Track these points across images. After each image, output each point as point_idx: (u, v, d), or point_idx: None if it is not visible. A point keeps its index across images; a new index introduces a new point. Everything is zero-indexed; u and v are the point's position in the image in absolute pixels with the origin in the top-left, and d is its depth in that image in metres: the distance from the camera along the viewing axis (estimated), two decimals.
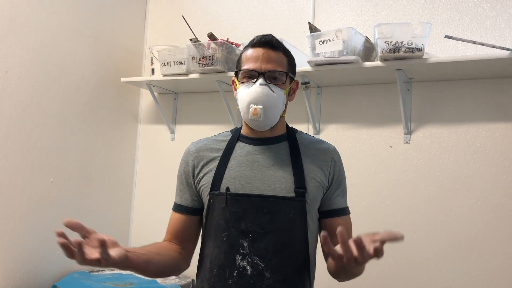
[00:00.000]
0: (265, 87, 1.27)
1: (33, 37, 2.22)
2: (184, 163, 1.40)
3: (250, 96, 1.27)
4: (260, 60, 1.28)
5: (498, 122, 1.99)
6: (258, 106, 1.26)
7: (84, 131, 2.50)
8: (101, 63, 2.61)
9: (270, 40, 1.30)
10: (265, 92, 1.26)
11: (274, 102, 1.28)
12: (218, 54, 2.26)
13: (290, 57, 1.35)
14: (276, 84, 1.29)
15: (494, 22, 2.02)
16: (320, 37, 2.02)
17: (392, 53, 1.90)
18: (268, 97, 1.27)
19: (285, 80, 1.31)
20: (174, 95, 2.77)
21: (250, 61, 1.29)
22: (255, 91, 1.27)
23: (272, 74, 1.29)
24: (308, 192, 1.28)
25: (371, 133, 2.23)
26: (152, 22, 2.91)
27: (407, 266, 2.08)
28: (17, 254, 2.15)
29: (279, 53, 1.31)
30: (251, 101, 1.27)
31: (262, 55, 1.28)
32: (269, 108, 1.27)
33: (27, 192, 2.19)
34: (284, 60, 1.32)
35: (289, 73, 1.32)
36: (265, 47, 1.30)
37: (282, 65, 1.31)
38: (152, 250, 1.27)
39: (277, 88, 1.29)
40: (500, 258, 1.93)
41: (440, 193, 2.06)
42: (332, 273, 1.28)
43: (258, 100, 1.26)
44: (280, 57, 1.31)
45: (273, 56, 1.29)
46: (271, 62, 1.28)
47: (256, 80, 1.28)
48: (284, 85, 1.31)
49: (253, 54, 1.30)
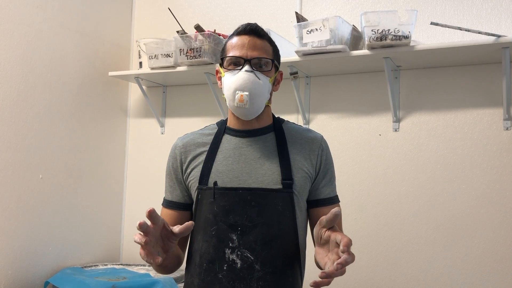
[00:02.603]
0: (251, 74, 1.26)
1: (17, 32, 2.19)
2: (172, 159, 1.39)
3: (236, 82, 1.27)
4: (246, 47, 1.28)
5: (485, 108, 2.00)
6: (244, 93, 1.25)
7: (72, 127, 2.48)
8: (88, 58, 2.58)
9: (255, 28, 1.31)
10: (251, 79, 1.26)
11: (260, 89, 1.28)
12: (205, 46, 2.25)
13: (275, 46, 1.36)
14: (262, 71, 1.29)
15: (480, 8, 2.02)
16: (307, 26, 2.01)
17: (379, 41, 1.90)
18: (254, 84, 1.26)
19: (271, 68, 1.31)
20: (163, 88, 2.75)
21: (235, 49, 1.29)
22: (241, 77, 1.26)
23: (258, 62, 1.28)
24: (295, 183, 1.28)
25: (360, 122, 2.23)
26: (138, 15, 2.88)
27: (397, 253, 2.10)
28: (9, 251, 2.14)
29: (265, 41, 1.31)
30: (237, 87, 1.26)
31: (248, 43, 1.28)
32: (255, 95, 1.27)
33: (17, 189, 2.18)
34: (269, 49, 1.32)
35: (274, 61, 1.32)
36: (250, 35, 1.30)
37: (268, 53, 1.31)
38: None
39: (263, 76, 1.29)
40: (488, 243, 1.95)
41: (430, 180, 2.07)
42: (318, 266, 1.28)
43: (244, 86, 1.26)
44: (265, 45, 1.31)
45: (259, 43, 1.29)
46: (257, 50, 1.28)
47: (242, 67, 1.27)
48: (270, 72, 1.31)
49: (238, 42, 1.30)
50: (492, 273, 1.93)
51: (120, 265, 2.49)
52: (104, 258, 2.65)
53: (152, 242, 1.06)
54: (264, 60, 1.29)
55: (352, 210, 2.19)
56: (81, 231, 2.52)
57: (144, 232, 1.03)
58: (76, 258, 2.47)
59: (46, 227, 2.31)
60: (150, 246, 1.05)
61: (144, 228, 1.02)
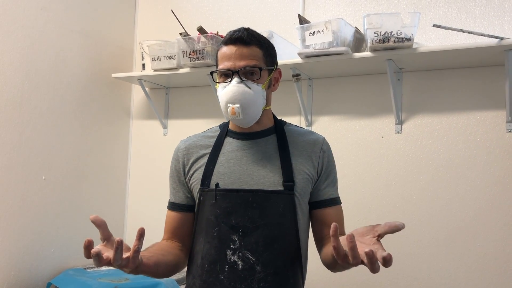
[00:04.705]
0: (240, 85, 1.25)
1: (21, 34, 2.20)
2: (175, 161, 1.40)
3: (226, 96, 1.26)
4: (233, 58, 1.26)
5: (488, 110, 1.99)
6: (235, 105, 1.25)
7: (76, 128, 2.49)
8: (91, 59, 2.59)
9: (240, 36, 1.27)
10: (241, 91, 1.25)
11: (251, 99, 1.26)
12: (208, 48, 2.25)
13: (266, 48, 1.32)
14: (252, 80, 1.27)
15: (483, 10, 2.02)
16: (309, 28, 2.02)
17: (381, 43, 1.89)
18: (244, 95, 1.25)
19: (260, 76, 1.28)
20: (166, 90, 2.76)
21: (224, 60, 1.28)
22: (231, 90, 1.26)
23: (247, 70, 1.27)
24: (296, 185, 1.28)
25: (362, 124, 2.23)
26: (142, 17, 2.89)
27: (400, 255, 2.09)
28: (12, 252, 2.15)
29: (252, 47, 1.28)
30: (228, 100, 1.26)
31: (235, 53, 1.26)
32: (247, 106, 1.26)
33: (20, 190, 2.19)
34: (258, 54, 1.28)
35: (263, 68, 1.29)
36: (236, 44, 1.27)
37: (257, 59, 1.28)
38: (157, 251, 1.27)
39: (254, 84, 1.27)
40: (492, 246, 1.94)
41: (432, 182, 2.07)
42: (327, 265, 1.28)
43: (234, 99, 1.25)
44: (253, 51, 1.28)
45: (245, 52, 1.27)
46: (243, 59, 1.26)
47: (231, 79, 1.27)
48: (261, 79, 1.29)
49: (226, 53, 1.28)
50: (495, 275, 1.93)
51: None
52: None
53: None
54: (252, 69, 1.27)
55: (355, 212, 2.18)
56: (84, 232, 2.51)
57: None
58: (79, 260, 2.48)
59: (49, 228, 2.32)
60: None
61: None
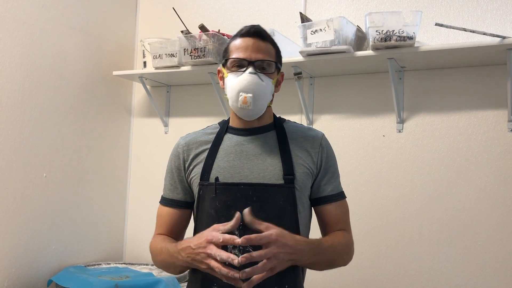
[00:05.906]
0: (254, 76, 1.28)
1: (21, 32, 2.20)
2: (175, 158, 1.41)
3: (240, 84, 1.29)
4: (250, 50, 1.30)
5: (490, 109, 1.99)
6: (248, 95, 1.28)
7: (76, 126, 2.49)
8: (92, 57, 2.59)
9: (259, 31, 1.33)
10: (255, 81, 1.28)
11: (263, 91, 1.30)
12: (209, 46, 2.25)
13: (277, 48, 1.38)
14: (265, 73, 1.31)
15: (485, 9, 2.02)
16: (311, 27, 2.01)
17: (383, 42, 1.89)
18: (258, 86, 1.29)
19: (274, 70, 1.34)
20: (167, 88, 2.76)
21: (239, 50, 1.31)
22: (245, 79, 1.28)
23: (262, 64, 1.31)
24: (296, 178, 1.29)
25: (364, 123, 2.23)
26: (143, 15, 2.89)
27: (400, 253, 2.09)
28: (12, 249, 2.15)
29: (268, 43, 1.34)
30: (241, 89, 1.29)
31: (252, 45, 1.31)
32: (259, 97, 1.29)
33: (21, 188, 2.19)
34: (272, 51, 1.35)
35: (277, 63, 1.35)
36: (254, 37, 1.32)
37: (271, 55, 1.34)
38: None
39: (266, 77, 1.31)
40: (492, 244, 1.94)
41: (433, 181, 2.07)
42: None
43: (248, 88, 1.28)
44: (269, 47, 1.34)
45: (263, 46, 1.32)
46: (260, 52, 1.31)
47: (246, 69, 1.29)
48: (273, 74, 1.34)
49: (242, 44, 1.32)
50: (495, 274, 1.92)
51: (123, 264, 2.50)
52: (107, 257, 2.66)
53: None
54: (268, 62, 1.32)
55: (356, 210, 2.17)
56: (85, 230, 2.53)
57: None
58: (80, 257, 2.48)
59: (49, 225, 2.32)
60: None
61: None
